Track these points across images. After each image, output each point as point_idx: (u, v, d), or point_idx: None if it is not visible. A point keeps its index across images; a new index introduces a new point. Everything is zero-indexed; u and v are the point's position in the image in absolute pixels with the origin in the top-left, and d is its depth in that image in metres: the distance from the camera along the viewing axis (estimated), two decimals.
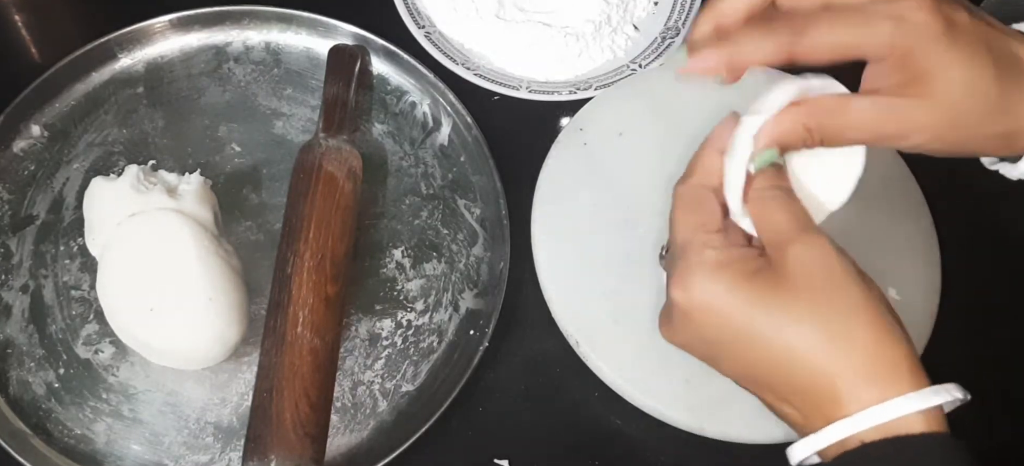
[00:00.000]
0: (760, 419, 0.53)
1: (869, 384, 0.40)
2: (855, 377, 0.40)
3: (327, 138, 0.61)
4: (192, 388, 0.58)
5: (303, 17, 0.69)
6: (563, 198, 0.61)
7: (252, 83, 0.68)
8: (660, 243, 0.59)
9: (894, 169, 0.63)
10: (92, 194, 0.58)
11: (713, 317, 0.42)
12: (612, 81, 0.68)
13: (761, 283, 0.42)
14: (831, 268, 0.41)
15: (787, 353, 0.41)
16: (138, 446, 0.56)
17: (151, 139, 0.66)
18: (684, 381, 0.55)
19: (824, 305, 0.41)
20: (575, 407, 0.59)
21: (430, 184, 0.65)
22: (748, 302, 0.41)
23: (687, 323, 0.44)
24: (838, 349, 0.40)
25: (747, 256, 0.43)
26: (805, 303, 0.41)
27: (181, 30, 0.69)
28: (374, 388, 0.58)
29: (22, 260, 0.61)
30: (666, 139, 0.62)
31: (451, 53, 0.69)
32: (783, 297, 0.41)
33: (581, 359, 0.57)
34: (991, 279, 0.64)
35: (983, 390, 0.41)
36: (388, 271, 0.62)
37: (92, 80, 0.67)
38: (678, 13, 0.72)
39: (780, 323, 0.41)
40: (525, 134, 0.66)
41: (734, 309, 0.42)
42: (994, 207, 0.67)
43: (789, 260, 0.42)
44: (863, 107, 0.42)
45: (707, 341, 0.44)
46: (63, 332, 0.59)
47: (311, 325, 0.53)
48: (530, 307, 0.61)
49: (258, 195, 0.64)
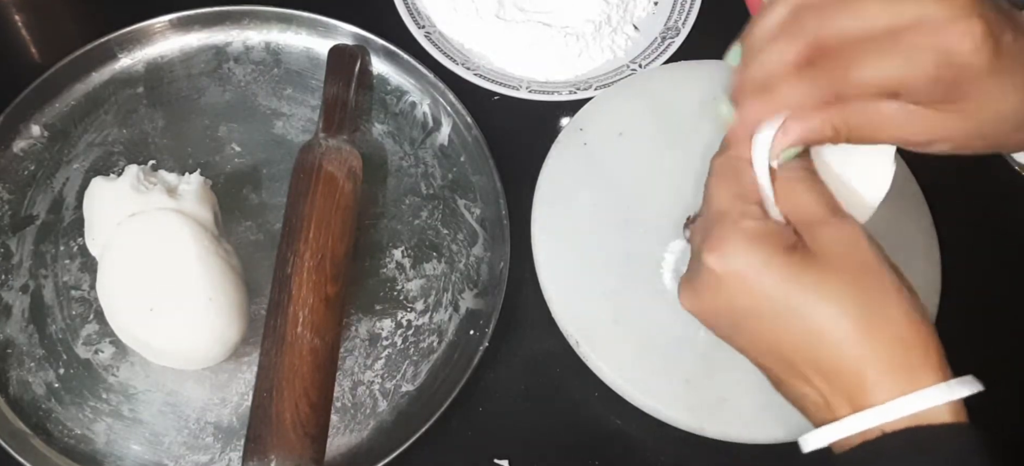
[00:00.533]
0: (760, 419, 0.54)
1: (897, 372, 0.39)
2: (884, 364, 0.40)
3: (327, 138, 0.61)
4: (192, 388, 0.58)
5: (303, 17, 0.69)
6: (563, 198, 0.61)
7: (252, 83, 0.68)
8: (660, 243, 0.59)
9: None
10: (92, 194, 0.58)
11: (746, 285, 0.42)
12: (612, 81, 0.68)
13: (798, 259, 0.41)
14: (864, 252, 0.41)
15: (817, 331, 0.41)
16: (138, 446, 0.56)
17: (151, 139, 0.66)
18: (684, 381, 0.55)
19: (858, 288, 0.40)
20: (575, 407, 0.59)
21: (430, 184, 0.65)
22: (783, 276, 0.41)
23: (718, 290, 0.43)
24: (869, 334, 0.40)
25: (785, 231, 0.43)
26: (839, 284, 0.40)
27: (181, 30, 0.69)
28: (374, 388, 0.58)
29: (22, 260, 0.61)
30: (666, 139, 0.62)
31: (451, 53, 0.69)
32: (818, 275, 0.41)
33: (581, 359, 0.57)
34: (991, 279, 0.64)
35: (983, 389, 0.41)
36: (388, 271, 0.62)
37: (92, 80, 0.67)
38: (678, 13, 0.72)
39: (813, 300, 0.40)
40: (525, 134, 0.66)
41: (769, 280, 0.41)
42: (994, 207, 0.67)
43: (822, 241, 0.41)
44: (893, 111, 0.42)
45: (733, 310, 0.43)
46: (63, 332, 0.59)
47: (311, 325, 0.53)
48: (530, 307, 0.61)
49: (258, 195, 0.64)
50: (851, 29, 0.41)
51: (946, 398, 0.39)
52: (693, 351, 0.55)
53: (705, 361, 0.55)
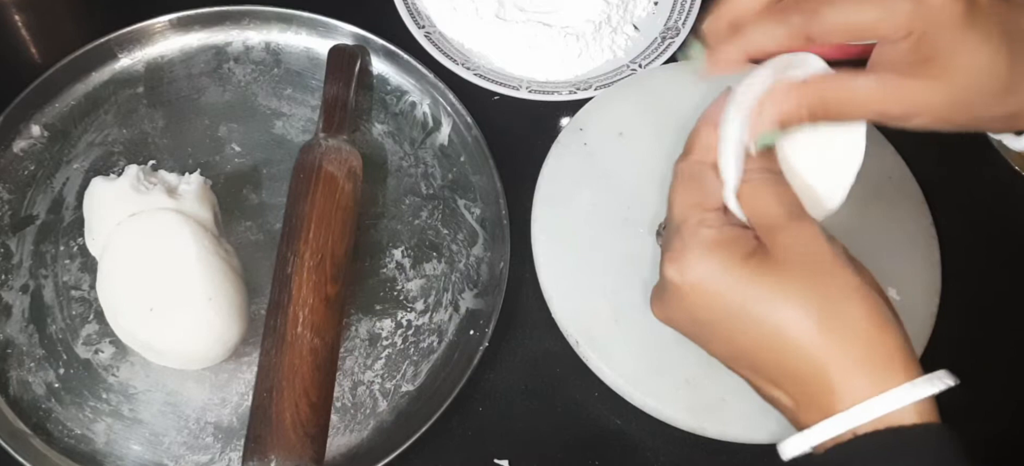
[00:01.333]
0: (760, 419, 0.53)
1: (863, 373, 0.39)
2: (849, 365, 0.39)
3: (327, 138, 0.61)
4: (192, 388, 0.57)
5: (303, 17, 0.69)
6: (563, 198, 0.61)
7: (252, 83, 0.68)
8: (660, 243, 0.59)
9: (894, 169, 0.63)
10: (92, 194, 0.58)
11: (706, 296, 0.42)
12: (612, 81, 0.68)
13: (755, 264, 0.41)
14: (822, 254, 0.41)
15: (778, 336, 0.40)
16: (138, 446, 0.56)
17: (151, 139, 0.66)
18: (684, 381, 0.55)
19: (816, 290, 0.40)
20: (575, 407, 0.59)
21: (430, 184, 0.65)
22: (741, 282, 0.41)
23: (680, 301, 0.43)
24: (831, 335, 0.40)
25: (743, 237, 0.42)
26: (797, 287, 0.40)
27: (181, 30, 0.69)
28: (374, 388, 0.58)
29: (22, 260, 0.61)
30: (666, 139, 0.62)
31: (451, 53, 0.69)
32: (776, 280, 0.41)
33: (581, 359, 0.57)
34: (991, 279, 0.64)
35: (983, 390, 0.41)
36: (388, 271, 0.62)
37: (92, 80, 0.67)
38: (678, 13, 0.72)
39: (772, 305, 0.40)
40: (525, 134, 0.67)
41: (727, 289, 0.41)
42: (994, 207, 0.67)
43: (781, 245, 0.41)
44: (869, 85, 0.41)
45: (698, 321, 0.43)
46: (63, 332, 0.59)
47: (311, 325, 0.53)
48: (530, 307, 0.61)
49: (258, 195, 0.64)
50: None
51: (912, 398, 0.38)
52: (693, 351, 0.55)
53: (705, 361, 0.55)
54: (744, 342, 0.42)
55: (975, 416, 0.41)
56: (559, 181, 0.61)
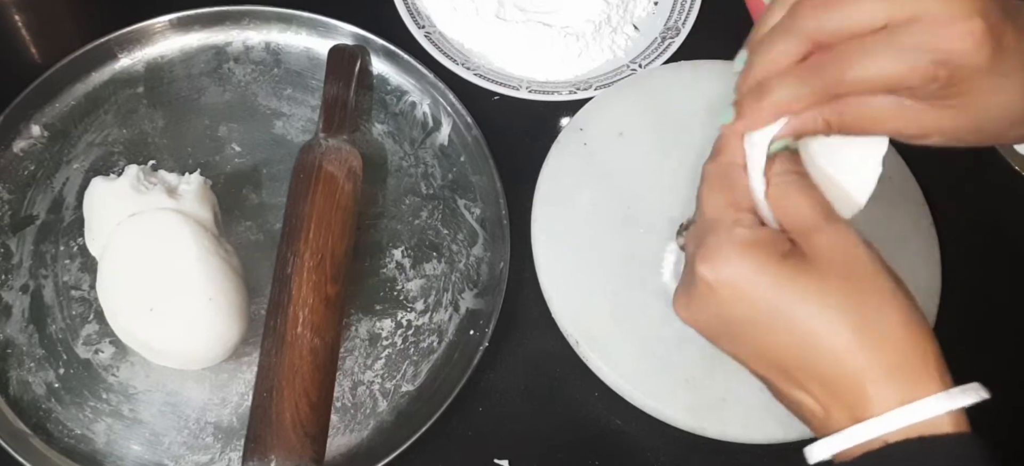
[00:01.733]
0: (760, 419, 0.54)
1: (897, 381, 0.39)
2: (883, 372, 0.39)
3: (327, 138, 0.61)
4: (192, 388, 0.58)
5: (303, 17, 0.69)
6: (563, 198, 0.61)
7: (252, 83, 0.68)
8: (660, 243, 0.59)
9: (894, 169, 0.63)
10: (92, 194, 0.58)
11: (740, 295, 0.41)
12: (612, 81, 0.68)
13: (791, 266, 0.40)
14: (860, 258, 0.41)
15: (813, 339, 0.40)
16: (138, 446, 0.56)
17: (151, 139, 0.66)
18: (684, 381, 0.55)
19: (854, 295, 0.40)
20: (575, 407, 0.59)
21: (430, 184, 0.65)
22: (777, 283, 0.40)
23: (710, 300, 0.42)
24: (867, 341, 0.39)
25: (779, 238, 0.42)
26: (835, 290, 0.40)
27: (181, 30, 0.69)
28: (374, 388, 0.58)
29: (22, 260, 0.61)
30: (666, 139, 0.62)
31: (451, 53, 0.69)
32: (813, 282, 0.40)
33: (581, 359, 0.57)
34: (991, 279, 0.64)
35: (988, 398, 0.41)
36: (388, 271, 0.62)
37: (92, 80, 0.67)
38: (678, 13, 0.72)
39: (809, 307, 0.40)
40: (525, 134, 0.67)
41: (763, 289, 0.40)
42: (994, 207, 0.67)
43: (817, 247, 0.41)
44: (888, 106, 0.41)
45: (728, 320, 0.42)
46: (63, 332, 0.59)
47: (311, 325, 0.53)
48: (530, 307, 0.61)
49: (258, 195, 0.64)
50: (847, 27, 0.40)
51: (946, 408, 0.38)
52: (693, 351, 0.55)
53: (705, 361, 0.55)
54: (774, 343, 0.41)
55: (974, 416, 0.41)
56: (559, 181, 0.61)
